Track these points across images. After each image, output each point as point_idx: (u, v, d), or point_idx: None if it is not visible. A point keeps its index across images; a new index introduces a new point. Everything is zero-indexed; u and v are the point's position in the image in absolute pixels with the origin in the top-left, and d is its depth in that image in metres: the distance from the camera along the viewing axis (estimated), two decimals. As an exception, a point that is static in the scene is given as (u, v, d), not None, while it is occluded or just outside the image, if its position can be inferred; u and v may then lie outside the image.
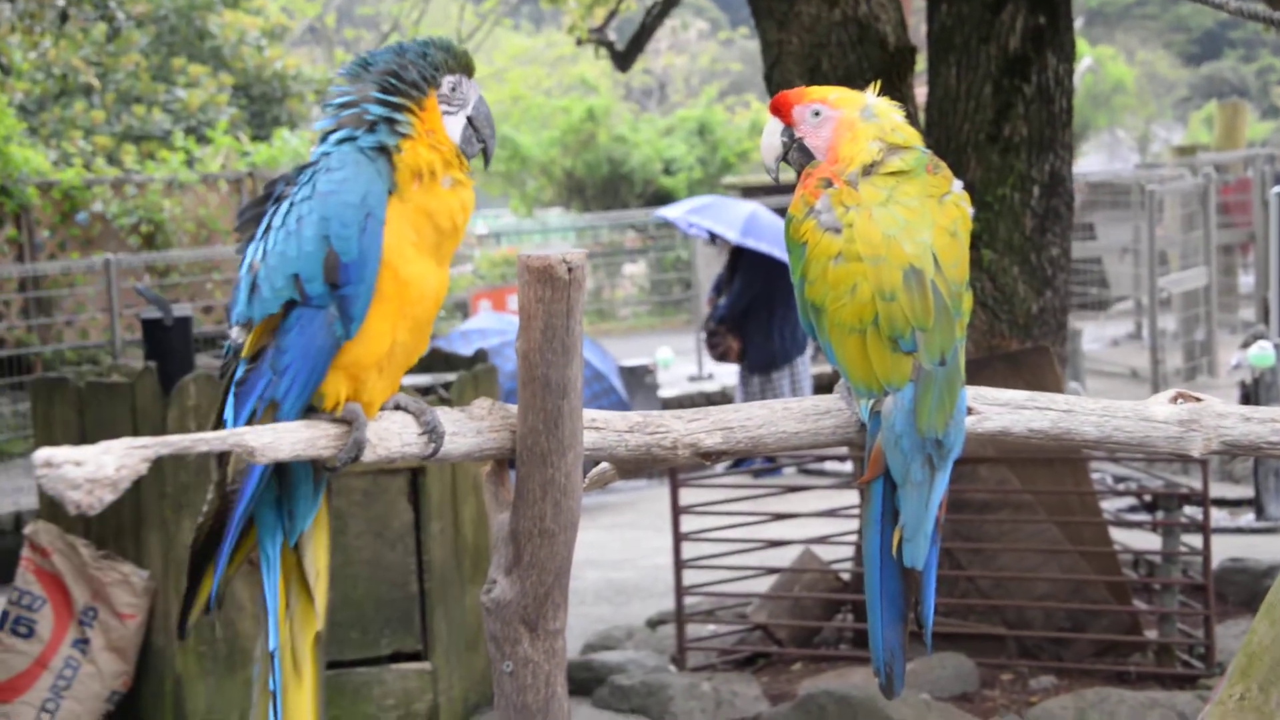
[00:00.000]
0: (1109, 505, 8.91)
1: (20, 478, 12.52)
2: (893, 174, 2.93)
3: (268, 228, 2.72)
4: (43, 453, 2.23)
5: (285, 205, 2.70)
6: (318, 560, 2.83)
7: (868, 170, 2.94)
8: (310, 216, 2.65)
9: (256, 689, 2.79)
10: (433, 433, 2.72)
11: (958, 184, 2.99)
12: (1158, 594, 6.82)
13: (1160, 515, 6.92)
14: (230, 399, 2.73)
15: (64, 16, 12.96)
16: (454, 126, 2.77)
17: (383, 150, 2.70)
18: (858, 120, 2.98)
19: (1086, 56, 34.61)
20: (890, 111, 3.00)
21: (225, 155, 17.64)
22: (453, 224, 2.73)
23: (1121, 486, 9.07)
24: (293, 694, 2.80)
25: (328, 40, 33.46)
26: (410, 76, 2.74)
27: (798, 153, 3.04)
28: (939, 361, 2.88)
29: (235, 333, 2.73)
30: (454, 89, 2.78)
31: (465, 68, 2.80)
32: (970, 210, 3.00)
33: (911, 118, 3.06)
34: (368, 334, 2.67)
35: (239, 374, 2.72)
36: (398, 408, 2.77)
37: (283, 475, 2.76)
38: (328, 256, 2.63)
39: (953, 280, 2.91)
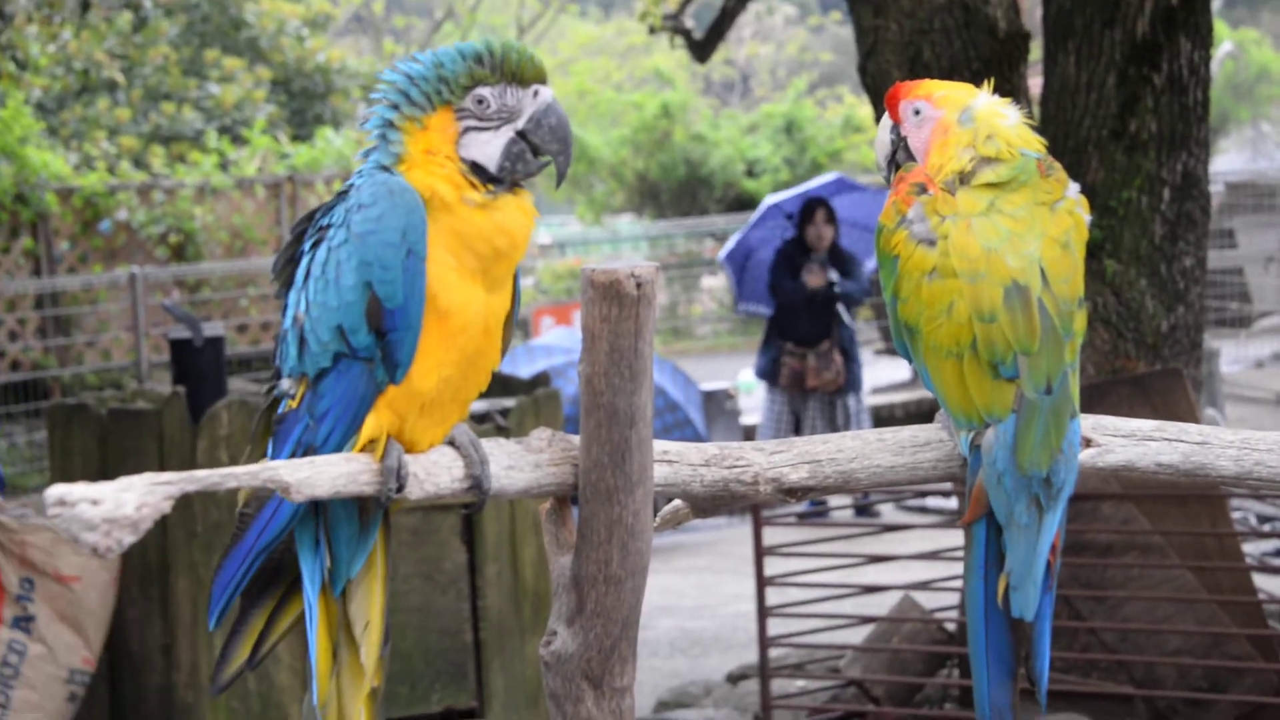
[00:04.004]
0: (1252, 548, 8.79)
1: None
2: (989, 185, 2.92)
3: (307, 274, 2.76)
4: (55, 490, 2.25)
5: (323, 249, 2.74)
6: (368, 609, 2.84)
7: (964, 179, 2.93)
8: (349, 262, 2.69)
9: None
10: (477, 487, 2.74)
11: (1073, 188, 2.97)
12: (1308, 650, 6.71)
13: (1310, 560, 6.82)
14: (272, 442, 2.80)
15: (85, 5, 13.20)
16: (489, 144, 2.76)
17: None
18: (953, 124, 2.98)
19: (1226, 41, 34.28)
20: (993, 117, 2.97)
21: (262, 157, 17.86)
22: (490, 247, 2.73)
23: (1267, 527, 8.95)
24: None
25: (375, 29, 33.83)
26: (415, 94, 2.75)
27: (904, 153, 3.06)
28: (1044, 389, 2.86)
29: (286, 384, 2.80)
30: (482, 102, 2.76)
31: (511, 76, 2.77)
32: (1087, 218, 2.98)
33: (1025, 113, 3.04)
34: (409, 374, 2.70)
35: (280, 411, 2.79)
36: (450, 443, 2.78)
37: (321, 513, 2.79)
38: (370, 303, 2.68)
39: (1063, 297, 2.89)
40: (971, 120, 2.97)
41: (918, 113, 3.02)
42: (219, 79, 19.72)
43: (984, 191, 2.92)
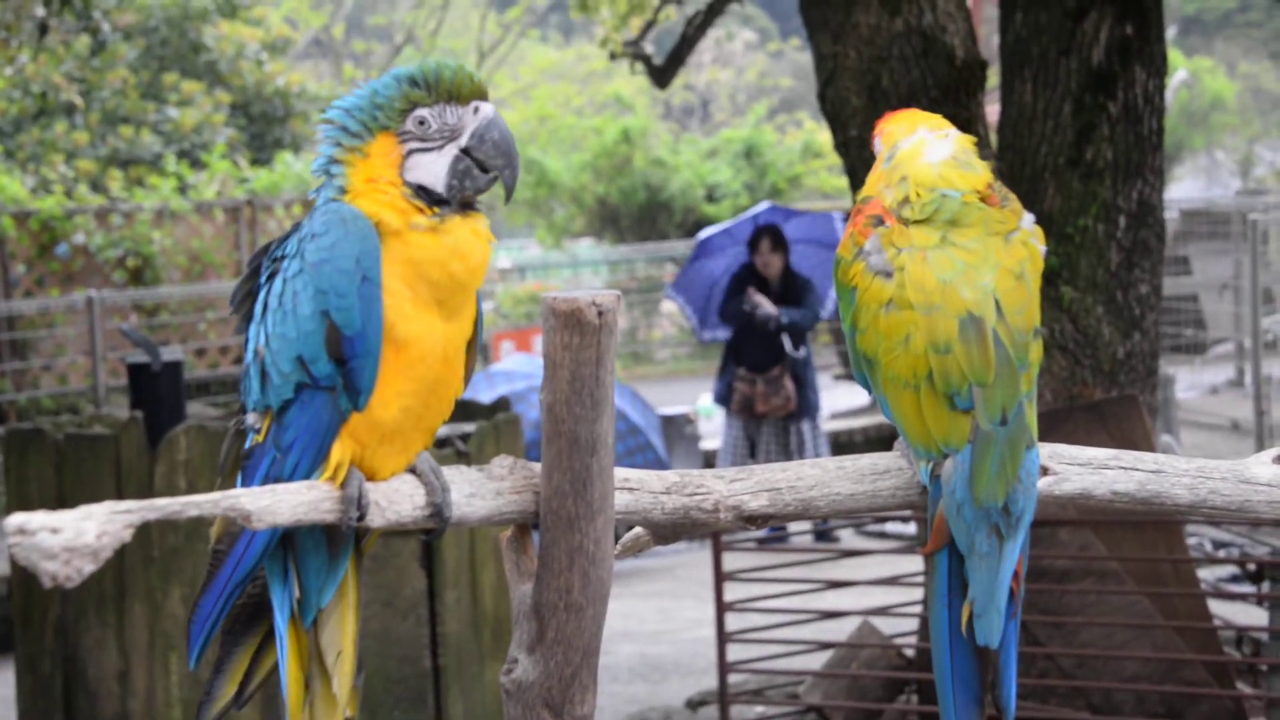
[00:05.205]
0: (1207, 574, 8.84)
1: (-10, 539, 12.58)
2: (930, 217, 2.96)
3: (265, 307, 2.76)
4: (16, 518, 2.24)
5: (279, 281, 2.75)
6: (340, 639, 2.83)
7: (897, 216, 2.97)
8: (305, 292, 2.70)
9: None
10: (439, 515, 2.74)
11: (1028, 218, 3.00)
12: (1264, 676, 6.75)
13: (1266, 587, 6.86)
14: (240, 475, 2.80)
15: (43, 28, 13.13)
16: (434, 164, 2.76)
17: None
18: (881, 162, 3.05)
19: (1181, 70, 34.58)
20: (912, 157, 3.01)
21: (221, 181, 17.80)
22: (444, 273, 2.72)
23: (1222, 553, 9.00)
24: None
25: (335, 53, 33.79)
26: (352, 125, 2.77)
27: None
28: (1000, 420, 2.88)
29: (251, 418, 2.79)
30: (422, 123, 2.76)
31: (449, 95, 2.77)
32: (1042, 248, 3.01)
33: (982, 140, 3.09)
34: (370, 404, 2.71)
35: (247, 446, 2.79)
36: (412, 470, 2.78)
37: (290, 544, 2.79)
38: (328, 332, 2.68)
39: (1018, 328, 2.91)
40: (891, 160, 3.02)
41: (874, 145, 3.08)
42: (178, 102, 19.64)
43: (937, 225, 2.95)
